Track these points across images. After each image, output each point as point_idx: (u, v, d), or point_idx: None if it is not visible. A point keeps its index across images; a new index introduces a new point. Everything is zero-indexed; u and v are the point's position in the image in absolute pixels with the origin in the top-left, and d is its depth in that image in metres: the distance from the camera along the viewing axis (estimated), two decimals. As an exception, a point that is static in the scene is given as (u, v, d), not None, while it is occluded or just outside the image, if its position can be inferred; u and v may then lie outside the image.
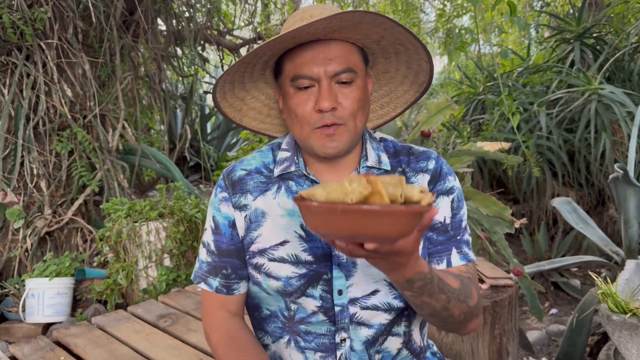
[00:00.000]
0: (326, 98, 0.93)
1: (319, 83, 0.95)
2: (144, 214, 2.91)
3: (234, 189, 1.06)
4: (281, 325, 1.06)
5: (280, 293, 1.03)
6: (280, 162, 1.06)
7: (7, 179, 3.10)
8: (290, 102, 0.98)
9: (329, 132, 0.96)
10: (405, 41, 0.98)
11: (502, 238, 2.26)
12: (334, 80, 0.95)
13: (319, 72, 0.94)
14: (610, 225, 4.14)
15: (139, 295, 2.79)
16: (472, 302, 0.96)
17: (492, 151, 2.27)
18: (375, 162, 1.05)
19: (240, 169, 1.08)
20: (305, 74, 0.94)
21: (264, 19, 4.91)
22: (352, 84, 0.96)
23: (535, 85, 4.68)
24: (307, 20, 0.95)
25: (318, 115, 0.95)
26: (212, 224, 1.08)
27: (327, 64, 0.94)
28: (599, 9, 5.42)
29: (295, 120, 0.98)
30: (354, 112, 0.96)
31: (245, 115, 1.14)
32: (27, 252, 3.04)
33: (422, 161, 1.07)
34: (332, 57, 0.94)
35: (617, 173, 2.59)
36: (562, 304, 3.51)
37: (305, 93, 0.96)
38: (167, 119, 4.45)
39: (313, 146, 0.98)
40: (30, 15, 2.97)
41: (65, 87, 3.24)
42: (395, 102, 1.16)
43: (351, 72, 0.95)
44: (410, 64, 1.05)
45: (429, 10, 6.73)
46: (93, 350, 2.01)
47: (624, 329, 1.42)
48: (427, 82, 1.07)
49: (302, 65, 0.95)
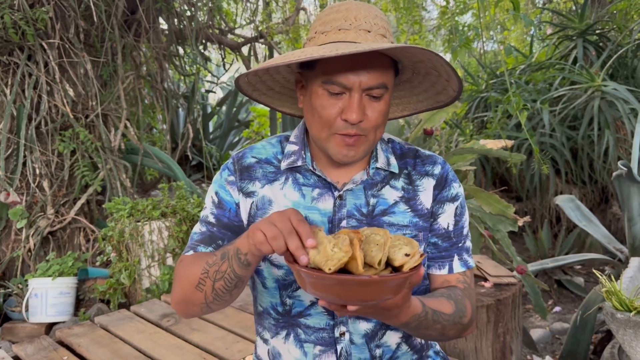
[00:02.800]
0: (355, 111, 0.91)
1: (350, 92, 0.92)
2: (146, 213, 2.91)
3: (242, 174, 1.06)
4: (274, 322, 1.07)
5: (279, 284, 1.03)
6: (287, 155, 1.06)
7: (9, 178, 3.10)
8: (315, 101, 0.95)
9: (349, 141, 0.95)
10: (441, 70, 0.96)
11: (506, 236, 2.25)
12: (365, 92, 0.93)
13: (354, 83, 0.91)
14: (613, 222, 4.12)
15: (141, 295, 2.79)
16: (466, 319, 0.99)
17: (495, 149, 2.26)
18: (385, 163, 1.06)
19: (251, 157, 1.08)
20: (340, 81, 0.91)
21: (265, 17, 4.89)
22: (381, 98, 0.95)
23: (538, 82, 4.66)
24: (350, 22, 0.93)
25: (342, 123, 0.94)
26: (215, 199, 1.07)
27: (363, 75, 0.91)
28: (601, 6, 5.39)
29: (317, 121, 0.96)
30: (377, 125, 0.96)
31: (255, 89, 1.11)
32: (30, 251, 3.05)
33: (428, 165, 1.08)
34: (370, 70, 0.91)
35: (620, 170, 2.58)
36: (566, 302, 3.50)
37: (333, 97, 0.94)
38: (169, 118, 4.45)
39: (329, 149, 0.98)
40: (32, 15, 2.97)
41: (67, 86, 3.24)
42: (404, 105, 1.16)
43: (384, 89, 0.93)
44: (436, 85, 1.03)
45: (430, 8, 6.72)
46: (96, 350, 2.01)
47: (628, 327, 1.41)
48: (446, 102, 1.07)
49: (338, 71, 0.91)
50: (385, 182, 1.05)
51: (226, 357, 1.91)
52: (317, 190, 1.04)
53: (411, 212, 1.04)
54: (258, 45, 5.14)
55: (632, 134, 3.62)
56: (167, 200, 3.04)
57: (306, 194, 1.04)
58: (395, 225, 1.03)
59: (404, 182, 1.06)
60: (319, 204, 1.03)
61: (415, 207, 1.05)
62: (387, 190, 1.05)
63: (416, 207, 1.05)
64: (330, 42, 0.93)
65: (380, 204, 1.04)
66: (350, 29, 0.93)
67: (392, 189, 1.05)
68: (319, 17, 0.99)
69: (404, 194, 1.05)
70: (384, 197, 1.04)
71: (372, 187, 1.04)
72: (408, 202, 1.05)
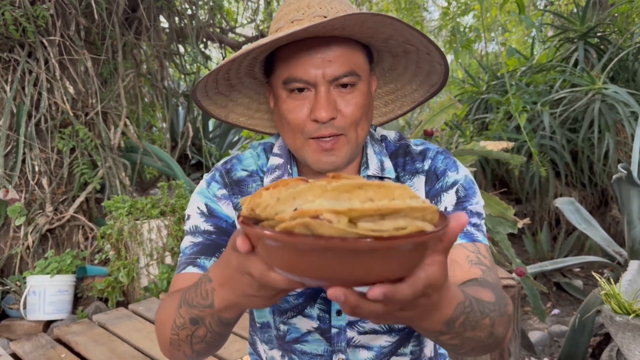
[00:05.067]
0: (324, 107, 0.81)
1: (315, 88, 0.82)
2: (145, 211, 2.90)
3: (232, 189, 0.94)
4: (271, 339, 0.99)
5: (274, 308, 0.93)
6: (271, 170, 0.94)
7: (8, 176, 3.10)
8: (281, 106, 0.85)
9: (326, 146, 0.83)
10: (416, 42, 0.86)
11: (505, 238, 2.25)
12: (333, 84, 0.82)
13: (316, 76, 0.81)
14: (613, 225, 4.12)
15: (140, 293, 2.79)
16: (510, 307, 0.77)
17: (495, 150, 2.26)
18: (378, 169, 0.93)
19: (242, 169, 0.97)
20: (299, 77, 0.81)
21: (266, 16, 4.90)
22: (354, 88, 0.84)
23: (539, 84, 4.66)
24: (303, 12, 0.83)
25: (313, 125, 0.83)
26: (205, 209, 0.93)
27: (325, 65, 0.81)
28: (603, 9, 5.39)
29: (287, 128, 0.85)
30: (356, 121, 0.84)
31: (231, 111, 1.01)
32: (28, 249, 3.04)
33: (418, 162, 0.95)
34: (332, 58, 0.81)
35: (620, 173, 2.58)
36: (564, 305, 3.50)
37: (298, 97, 0.83)
38: (169, 116, 4.44)
39: (307, 159, 0.87)
40: (33, 12, 2.97)
41: (68, 84, 3.23)
42: (401, 100, 1.04)
43: (353, 76, 0.82)
44: (420, 63, 0.93)
45: (432, 9, 6.71)
46: (94, 348, 2.00)
47: (627, 330, 1.41)
48: (441, 83, 0.95)
49: (296, 67, 0.81)
50: None
51: (223, 356, 1.91)
52: None
53: None
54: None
55: (633, 137, 3.62)
56: (167, 198, 3.04)
57: None
58: None
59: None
60: None
61: None
62: None
63: None
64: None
65: None
66: (303, 18, 0.82)
67: None
68: (275, 16, 0.89)
69: None
70: None
71: None
72: None
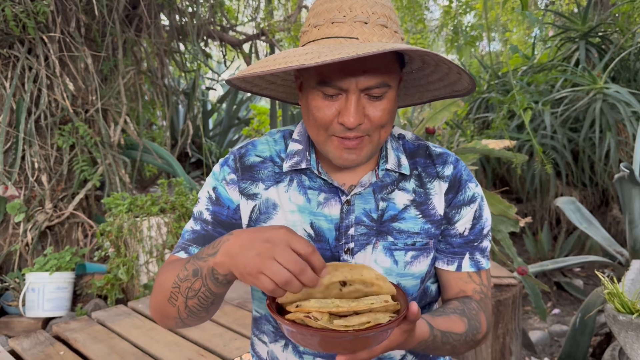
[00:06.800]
0: (352, 114, 0.82)
1: (346, 94, 0.83)
2: (145, 209, 2.90)
3: (243, 174, 0.98)
4: (273, 330, 1.02)
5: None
6: (290, 156, 0.97)
7: (8, 172, 3.09)
8: (311, 102, 0.87)
9: (349, 144, 0.86)
10: (452, 66, 0.86)
11: (507, 237, 2.24)
12: (363, 92, 0.83)
13: (350, 84, 0.82)
14: (613, 225, 4.11)
15: (139, 291, 2.78)
16: (480, 335, 0.94)
17: (498, 149, 2.25)
18: (395, 164, 0.97)
19: (255, 155, 0.99)
20: (334, 82, 0.82)
21: (267, 14, 4.88)
22: (383, 97, 0.85)
23: (540, 84, 4.65)
24: (345, 14, 0.83)
25: (339, 126, 0.85)
26: (212, 194, 0.99)
27: (360, 75, 0.81)
28: (604, 8, 5.38)
29: (313, 123, 0.88)
30: (383, 124, 0.87)
31: (254, 85, 1.02)
32: (27, 246, 3.03)
33: (439, 165, 0.99)
34: (368, 68, 0.81)
35: (622, 173, 2.57)
36: (565, 304, 3.49)
37: (329, 99, 0.85)
38: (169, 114, 4.43)
39: (328, 153, 0.89)
40: (33, 8, 2.95)
41: (68, 80, 3.22)
42: (422, 93, 1.04)
43: (385, 87, 0.84)
44: (449, 75, 0.93)
45: (433, 8, 6.68)
46: (93, 345, 1.99)
47: (630, 329, 1.40)
48: (464, 94, 0.97)
49: (332, 71, 0.82)
50: (395, 185, 0.97)
51: (224, 354, 1.90)
52: (323, 194, 0.96)
53: (422, 217, 0.96)
54: (259, 42, 5.13)
55: (634, 137, 3.61)
56: (166, 196, 3.03)
57: (312, 198, 0.96)
58: (406, 233, 0.95)
59: (415, 183, 0.98)
60: (326, 209, 0.95)
61: (427, 213, 0.97)
62: (397, 194, 0.96)
63: (428, 213, 0.97)
64: (322, 37, 0.84)
65: (390, 209, 0.95)
66: (344, 21, 0.83)
67: (403, 192, 0.97)
68: (313, 7, 0.89)
69: (415, 198, 0.97)
70: (394, 201, 0.96)
71: (381, 190, 0.96)
72: (419, 207, 0.96)
